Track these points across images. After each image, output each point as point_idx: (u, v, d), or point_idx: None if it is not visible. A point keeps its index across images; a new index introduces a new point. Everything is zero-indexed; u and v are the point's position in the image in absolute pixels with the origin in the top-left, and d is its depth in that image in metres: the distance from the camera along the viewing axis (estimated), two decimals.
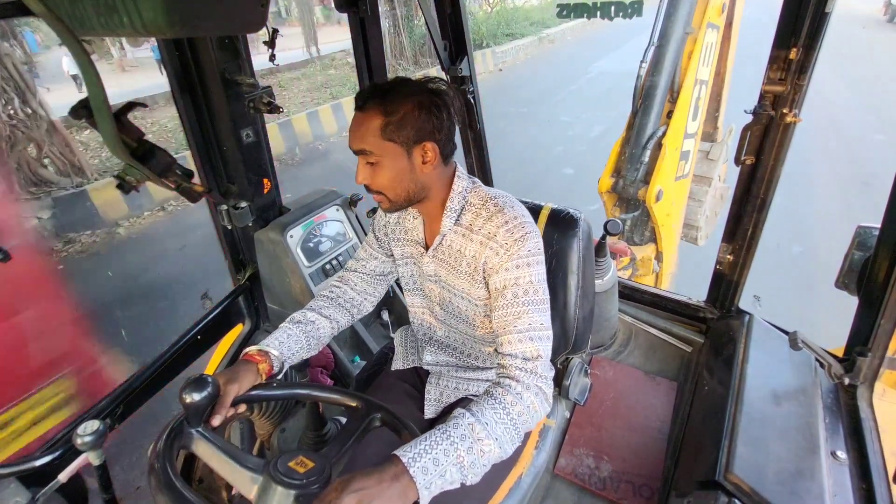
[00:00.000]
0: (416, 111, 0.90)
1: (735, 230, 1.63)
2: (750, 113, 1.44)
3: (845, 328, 1.36)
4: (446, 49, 1.87)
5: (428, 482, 0.74)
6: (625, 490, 1.47)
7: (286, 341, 1.04)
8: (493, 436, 0.82)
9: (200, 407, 0.80)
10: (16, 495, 1.13)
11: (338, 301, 1.18)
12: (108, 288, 4.81)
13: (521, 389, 0.89)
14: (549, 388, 0.93)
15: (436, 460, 0.76)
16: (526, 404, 0.88)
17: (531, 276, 0.95)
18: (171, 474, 0.73)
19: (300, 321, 1.09)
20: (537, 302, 0.95)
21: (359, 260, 1.22)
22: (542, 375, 0.92)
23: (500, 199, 1.01)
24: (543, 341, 0.95)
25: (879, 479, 1.07)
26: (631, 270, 3.34)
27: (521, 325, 0.94)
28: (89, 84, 0.70)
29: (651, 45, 3.17)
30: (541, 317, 0.95)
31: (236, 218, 1.63)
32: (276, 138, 7.57)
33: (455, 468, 0.78)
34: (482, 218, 0.99)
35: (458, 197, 1.01)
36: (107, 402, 1.42)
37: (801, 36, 1.25)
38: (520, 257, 0.94)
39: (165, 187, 1.01)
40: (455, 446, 0.79)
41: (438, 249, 1.05)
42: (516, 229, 0.95)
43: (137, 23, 0.71)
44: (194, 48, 1.41)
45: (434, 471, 0.75)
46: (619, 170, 3.36)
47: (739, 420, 1.21)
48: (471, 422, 0.82)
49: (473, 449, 0.80)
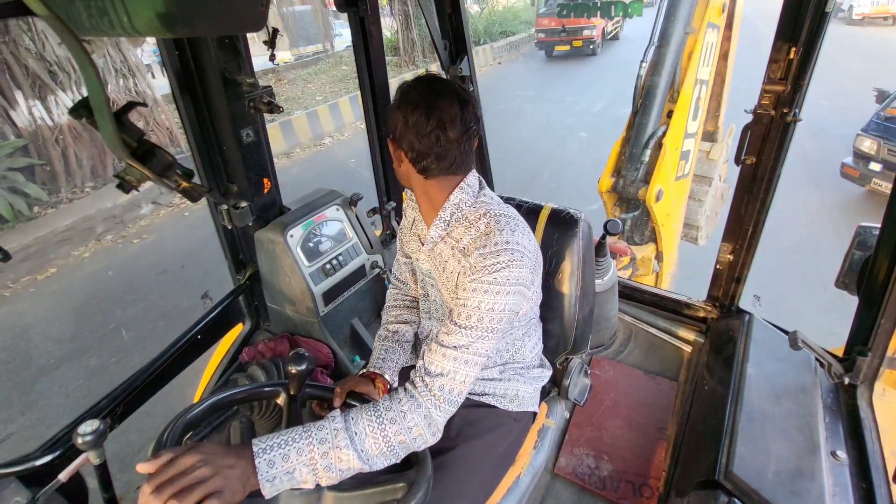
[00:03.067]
0: (398, 104, 0.91)
1: (735, 230, 1.63)
2: (750, 113, 1.44)
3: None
4: (446, 49, 1.87)
5: (271, 475, 0.73)
6: (625, 490, 1.47)
7: (387, 356, 1.15)
8: (356, 448, 0.78)
9: (301, 376, 0.93)
10: (16, 495, 1.12)
11: (405, 304, 1.27)
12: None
13: (408, 407, 0.83)
14: (441, 419, 0.85)
15: (285, 456, 0.74)
16: (407, 425, 0.82)
17: (485, 303, 0.87)
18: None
19: (387, 336, 1.20)
20: (482, 329, 0.87)
21: (398, 264, 1.29)
22: (440, 398, 0.85)
23: (498, 220, 0.94)
24: (462, 365, 0.86)
25: (879, 478, 1.07)
26: (631, 270, 3.34)
27: (448, 341, 0.88)
28: (89, 84, 0.70)
29: (651, 44, 3.17)
30: (477, 343, 0.87)
31: (236, 218, 1.63)
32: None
33: (307, 469, 0.75)
34: (469, 235, 0.96)
35: (452, 208, 0.98)
36: (107, 402, 1.42)
37: (801, 36, 1.25)
38: (480, 282, 0.88)
39: (166, 187, 1.00)
40: (311, 447, 0.76)
41: (432, 252, 1.05)
42: (490, 255, 0.88)
43: (138, 22, 0.71)
44: (194, 48, 1.41)
45: (281, 466, 0.74)
46: (620, 169, 3.36)
47: (739, 420, 1.21)
48: (337, 427, 0.79)
49: (330, 455, 0.77)
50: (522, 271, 0.90)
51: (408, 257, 1.23)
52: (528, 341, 1.16)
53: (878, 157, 5.55)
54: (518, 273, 0.89)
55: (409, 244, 1.18)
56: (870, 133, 5.68)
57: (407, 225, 1.18)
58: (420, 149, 0.90)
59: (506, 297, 0.88)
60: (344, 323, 1.88)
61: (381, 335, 1.22)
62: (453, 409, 0.87)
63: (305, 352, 0.92)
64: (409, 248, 1.18)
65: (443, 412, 0.85)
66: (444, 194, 0.98)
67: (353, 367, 1.80)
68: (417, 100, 0.88)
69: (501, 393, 1.15)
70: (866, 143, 5.67)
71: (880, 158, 5.54)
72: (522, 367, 1.17)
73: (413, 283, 1.26)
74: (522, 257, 0.90)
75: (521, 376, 1.17)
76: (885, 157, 5.52)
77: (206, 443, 0.74)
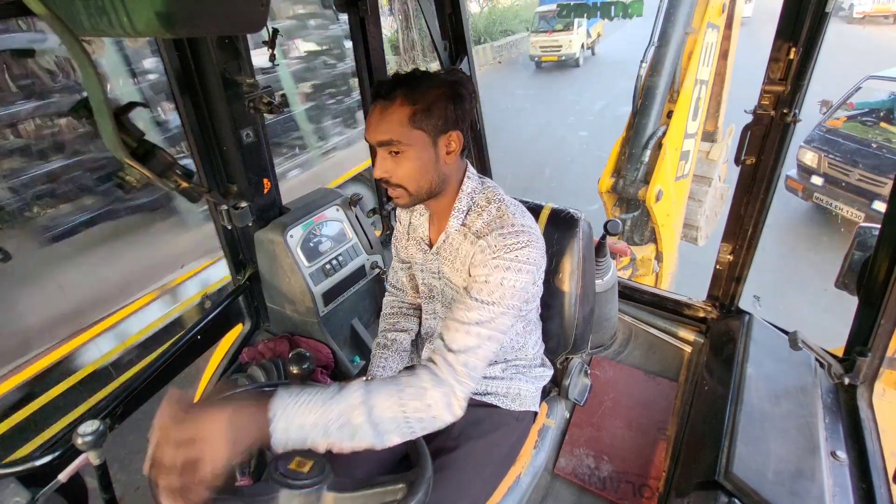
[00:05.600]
0: (443, 99, 0.90)
1: (735, 230, 1.63)
2: (750, 113, 1.44)
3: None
4: (446, 49, 1.87)
5: (283, 442, 0.72)
6: (625, 490, 1.47)
7: (387, 364, 1.17)
8: (373, 422, 0.77)
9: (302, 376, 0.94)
10: (16, 495, 1.12)
11: (401, 311, 1.28)
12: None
13: (429, 384, 0.82)
14: (463, 394, 0.84)
15: (301, 427, 0.74)
16: (427, 402, 0.81)
17: (508, 279, 0.89)
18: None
19: (387, 345, 1.21)
20: (504, 305, 0.89)
21: (394, 271, 1.29)
22: (462, 374, 0.84)
23: (509, 206, 0.98)
24: (485, 341, 0.87)
25: (879, 478, 1.07)
26: (631, 270, 3.35)
27: (468, 317, 0.88)
28: (89, 84, 0.70)
29: (651, 45, 3.17)
30: (499, 319, 0.88)
31: (236, 218, 1.63)
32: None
33: (321, 436, 0.74)
34: (482, 220, 0.98)
35: (467, 198, 1.01)
36: (107, 402, 1.42)
37: (801, 36, 1.25)
38: (502, 259, 0.90)
39: (166, 187, 1.01)
40: (327, 419, 0.75)
41: (442, 247, 1.05)
42: (510, 236, 0.91)
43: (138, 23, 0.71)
44: (194, 48, 1.40)
45: (296, 435, 0.73)
46: (620, 170, 3.36)
47: (739, 420, 1.21)
48: (354, 403, 0.78)
49: (345, 429, 0.76)
50: (537, 253, 0.94)
51: (404, 262, 1.23)
52: (531, 339, 1.16)
53: (820, 170, 5.28)
54: (535, 254, 0.93)
55: (407, 250, 1.18)
56: (813, 145, 5.39)
57: (402, 231, 1.18)
58: (468, 119, 0.94)
59: (526, 275, 0.91)
60: (344, 323, 1.88)
61: (381, 343, 1.23)
62: (474, 384, 0.86)
63: (307, 352, 0.92)
64: (407, 253, 1.18)
65: (465, 388, 0.84)
66: (459, 184, 1.01)
67: (353, 367, 1.80)
68: (431, 85, 0.90)
69: (504, 392, 1.15)
70: (808, 155, 5.37)
71: (822, 172, 5.27)
72: (525, 365, 1.18)
73: (411, 289, 1.26)
74: (538, 240, 0.94)
75: (524, 375, 1.17)
76: (826, 171, 5.24)
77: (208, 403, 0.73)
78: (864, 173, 4.93)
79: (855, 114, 5.64)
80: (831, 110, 5.58)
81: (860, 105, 5.70)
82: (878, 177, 4.82)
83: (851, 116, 5.62)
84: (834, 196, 5.20)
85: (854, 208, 5.01)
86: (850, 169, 5.03)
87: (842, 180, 5.11)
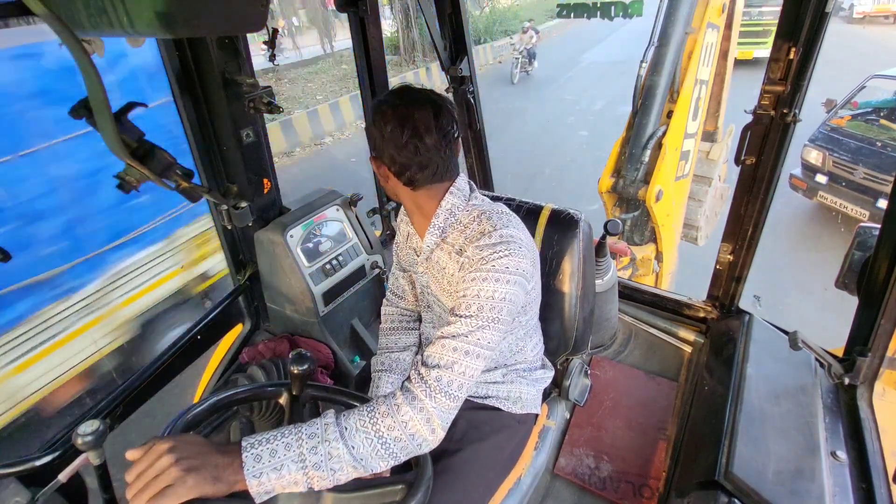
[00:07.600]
0: (373, 120, 0.90)
1: (735, 230, 1.63)
2: (750, 113, 1.44)
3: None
4: (446, 49, 1.87)
5: (258, 471, 0.70)
6: (625, 490, 1.47)
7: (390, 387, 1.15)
8: (347, 444, 0.74)
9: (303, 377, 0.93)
10: (16, 495, 1.13)
11: (402, 325, 1.26)
12: None
13: (402, 400, 0.79)
14: (437, 411, 0.79)
15: (273, 451, 0.71)
16: (401, 419, 0.77)
17: (485, 290, 0.85)
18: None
19: (389, 366, 1.19)
20: (482, 318, 0.84)
21: (395, 278, 1.27)
22: (435, 389, 0.79)
23: (490, 217, 0.94)
24: (461, 356, 0.82)
25: (879, 479, 1.07)
26: (631, 270, 3.34)
27: (445, 331, 0.84)
28: (89, 84, 0.70)
29: (651, 45, 3.17)
30: (477, 333, 0.84)
31: (236, 218, 1.63)
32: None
33: (295, 466, 0.71)
34: (464, 236, 0.95)
35: (445, 214, 0.97)
36: (107, 402, 1.42)
37: (801, 36, 1.25)
38: (479, 271, 0.86)
39: (166, 187, 1.00)
40: (300, 442, 0.73)
41: (429, 262, 1.05)
42: (486, 248, 0.87)
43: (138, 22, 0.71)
44: (194, 48, 1.40)
45: (269, 462, 0.71)
46: (620, 170, 3.36)
47: (739, 420, 1.21)
48: (327, 422, 0.76)
49: (319, 450, 0.73)
50: (521, 261, 0.89)
51: (405, 270, 1.23)
52: (529, 342, 1.16)
53: (825, 168, 5.27)
54: (516, 262, 0.88)
55: (405, 258, 1.19)
56: (817, 144, 5.39)
57: (402, 240, 1.18)
58: (401, 161, 0.89)
59: (505, 285, 0.86)
60: (344, 323, 1.88)
61: (383, 364, 1.19)
62: (452, 402, 0.80)
63: (307, 352, 0.92)
64: (405, 261, 1.19)
65: (438, 405, 0.79)
66: (435, 202, 0.97)
67: (353, 367, 1.80)
68: (390, 112, 0.88)
69: (504, 395, 1.15)
70: (813, 154, 5.37)
71: (826, 170, 5.26)
72: (525, 369, 1.17)
73: (412, 295, 1.25)
74: (519, 248, 0.89)
75: (524, 378, 1.17)
76: (830, 169, 5.22)
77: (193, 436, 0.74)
78: (869, 171, 4.95)
79: (859, 112, 5.67)
80: (835, 108, 5.61)
81: (864, 105, 5.74)
82: (882, 175, 4.86)
83: (855, 115, 5.64)
84: (838, 194, 5.23)
85: (858, 206, 5.05)
86: (855, 167, 5.06)
87: (846, 179, 5.14)
